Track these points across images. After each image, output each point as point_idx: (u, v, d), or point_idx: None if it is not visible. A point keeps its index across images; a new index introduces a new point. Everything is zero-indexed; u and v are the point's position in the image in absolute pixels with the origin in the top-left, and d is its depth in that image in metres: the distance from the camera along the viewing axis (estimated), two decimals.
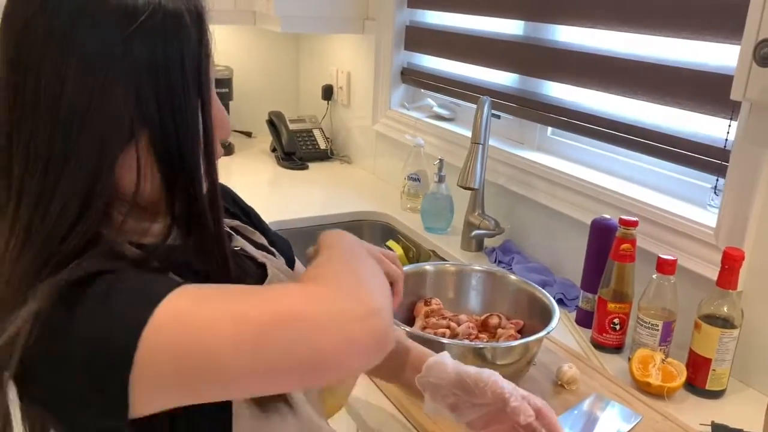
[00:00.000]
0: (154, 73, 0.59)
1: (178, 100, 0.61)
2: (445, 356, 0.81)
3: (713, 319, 1.07)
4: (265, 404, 0.67)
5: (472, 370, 0.76)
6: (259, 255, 0.80)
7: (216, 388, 0.55)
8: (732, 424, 1.00)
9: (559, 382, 1.07)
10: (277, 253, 0.85)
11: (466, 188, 1.47)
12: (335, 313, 0.54)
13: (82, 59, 0.57)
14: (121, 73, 0.58)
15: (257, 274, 0.77)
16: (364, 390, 1.05)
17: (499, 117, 1.73)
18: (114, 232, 0.62)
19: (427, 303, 1.17)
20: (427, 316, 1.15)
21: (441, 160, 1.71)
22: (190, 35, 0.61)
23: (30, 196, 0.58)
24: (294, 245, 1.81)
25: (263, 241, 0.86)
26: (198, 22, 0.62)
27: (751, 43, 0.75)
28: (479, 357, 0.99)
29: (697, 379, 1.09)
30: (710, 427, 1.00)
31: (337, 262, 0.66)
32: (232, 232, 0.80)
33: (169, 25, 0.60)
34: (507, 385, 0.74)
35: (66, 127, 0.57)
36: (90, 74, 0.57)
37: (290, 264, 0.90)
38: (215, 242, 0.67)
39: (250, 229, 0.85)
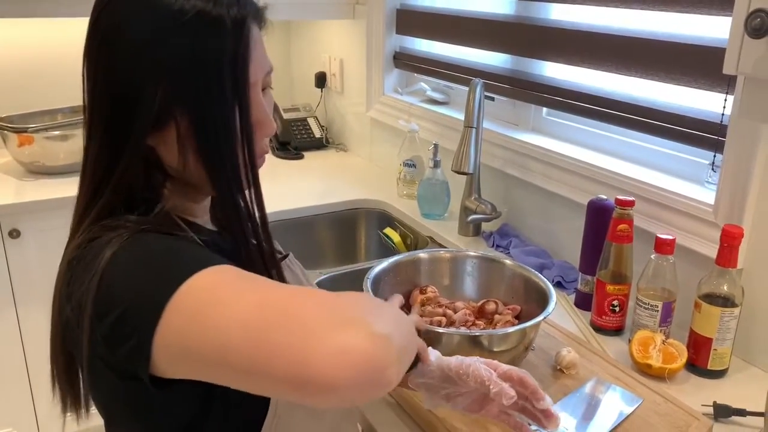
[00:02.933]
0: (192, 68, 0.66)
1: (213, 95, 0.67)
2: (430, 353, 0.82)
3: (713, 298, 1.05)
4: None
5: (453, 362, 0.78)
6: (280, 249, 0.87)
7: (219, 371, 0.55)
8: (734, 404, 0.98)
9: (558, 367, 1.06)
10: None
11: (460, 173, 1.45)
12: (341, 322, 0.52)
13: (132, 45, 0.66)
14: (164, 62, 0.65)
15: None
16: None
17: (493, 99, 1.71)
18: (165, 204, 0.71)
19: (422, 291, 1.16)
20: (423, 304, 1.14)
21: (435, 145, 1.69)
22: (228, 39, 0.67)
23: (90, 145, 0.70)
24: (291, 235, 1.80)
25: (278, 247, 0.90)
26: (238, 29, 0.67)
27: (742, 14, 0.72)
28: (476, 345, 0.97)
29: (699, 359, 1.08)
30: (712, 407, 0.99)
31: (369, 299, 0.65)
32: None
33: (210, 27, 0.66)
34: (485, 372, 0.76)
35: (113, 94, 0.68)
36: (138, 57, 0.66)
37: None
38: (259, 242, 0.73)
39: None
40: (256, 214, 0.73)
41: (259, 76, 0.71)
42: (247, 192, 0.72)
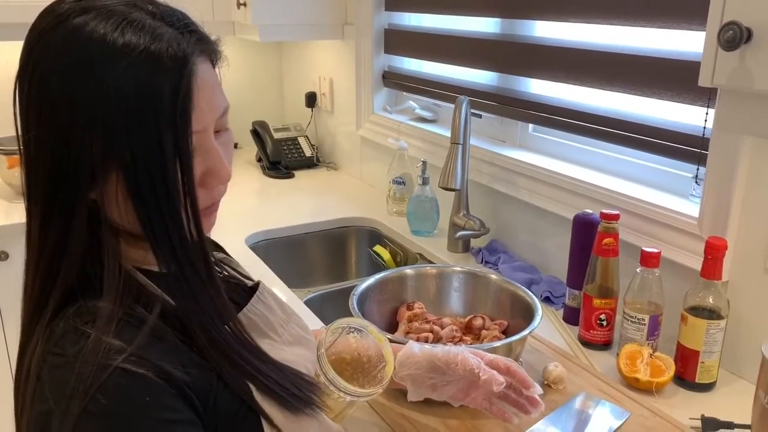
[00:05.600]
0: (123, 116, 0.58)
1: (148, 148, 0.59)
2: (413, 346, 0.86)
3: (699, 311, 1.05)
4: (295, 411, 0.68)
5: (440, 352, 0.82)
6: (249, 281, 0.83)
7: None
8: (722, 417, 0.98)
9: (546, 382, 1.05)
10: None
11: (447, 189, 1.45)
12: None
13: (60, 91, 0.59)
14: (93, 110, 0.58)
15: (245, 300, 0.77)
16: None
17: (480, 116, 1.72)
18: (119, 256, 0.64)
19: (409, 307, 1.16)
20: (410, 320, 1.14)
21: (424, 162, 1.70)
22: (166, 82, 0.59)
23: (31, 224, 0.64)
24: (282, 253, 1.80)
25: (247, 273, 0.88)
26: (178, 69, 0.60)
27: (715, 27, 0.73)
28: None
29: (687, 372, 1.07)
30: (700, 421, 0.98)
31: None
32: (221, 263, 0.84)
33: (145, 67, 0.59)
34: (474, 361, 0.81)
35: (45, 157, 0.61)
36: (66, 106, 0.59)
37: None
38: (205, 288, 0.66)
39: (235, 261, 0.88)
40: (204, 277, 0.66)
41: (208, 122, 0.64)
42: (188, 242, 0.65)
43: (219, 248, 0.91)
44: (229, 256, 0.91)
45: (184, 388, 0.60)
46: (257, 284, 0.81)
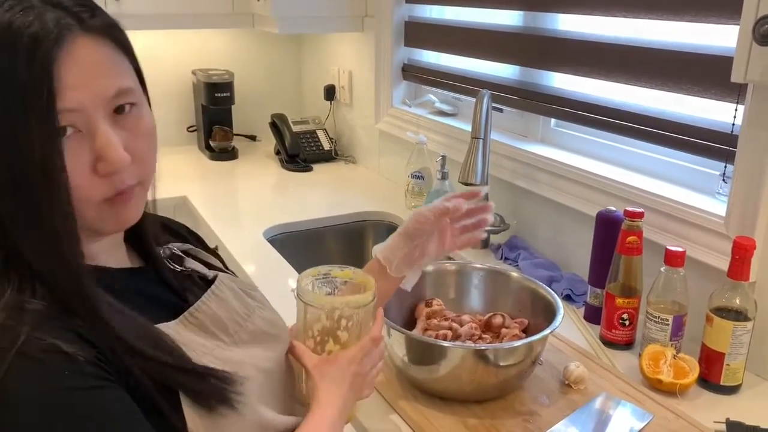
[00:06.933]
0: None
1: (5, 132, 0.57)
2: (383, 246, 0.99)
3: (725, 312, 1.03)
4: (211, 406, 0.66)
5: (409, 224, 0.96)
6: (210, 273, 0.80)
7: None
8: (748, 421, 0.96)
9: (567, 382, 1.04)
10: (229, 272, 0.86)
11: (467, 185, 1.44)
12: None
13: None
14: None
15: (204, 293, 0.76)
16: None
17: (501, 110, 1.69)
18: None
19: (428, 304, 1.14)
20: (428, 317, 1.12)
21: (443, 157, 1.68)
22: (21, 58, 0.56)
23: None
24: (299, 247, 1.79)
25: (218, 264, 0.86)
26: (32, 49, 0.57)
27: (750, 21, 0.71)
28: (482, 359, 0.96)
29: (711, 374, 1.05)
30: (725, 424, 0.96)
31: None
32: (183, 255, 0.81)
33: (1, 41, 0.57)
34: (425, 209, 0.93)
35: None
36: None
37: None
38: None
39: (204, 252, 0.86)
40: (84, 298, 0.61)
41: (84, 101, 0.60)
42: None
43: (192, 233, 0.89)
44: (203, 242, 0.90)
45: (93, 360, 0.58)
46: (215, 277, 0.79)
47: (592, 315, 1.26)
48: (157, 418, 0.62)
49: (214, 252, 0.90)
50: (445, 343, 0.99)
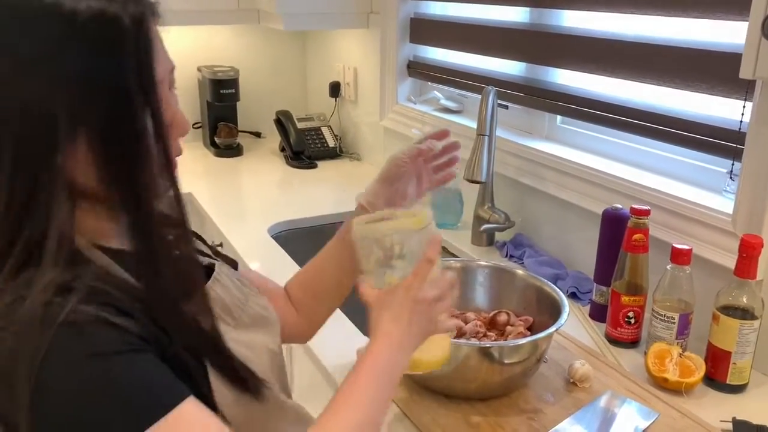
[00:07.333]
0: (93, 76, 0.60)
1: (120, 101, 0.61)
2: (363, 196, 0.98)
3: (732, 310, 1.02)
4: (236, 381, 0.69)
5: (380, 173, 0.97)
6: (206, 260, 0.82)
7: None
8: (755, 421, 0.95)
9: (572, 380, 1.03)
10: (221, 261, 0.87)
11: (472, 181, 1.43)
12: None
13: (15, 61, 0.59)
14: (57, 76, 0.59)
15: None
16: None
17: (507, 107, 1.69)
18: (76, 231, 0.63)
19: None
20: None
21: None
22: (129, 39, 0.61)
23: None
24: (303, 244, 1.79)
25: (207, 251, 0.87)
26: (138, 28, 0.62)
27: (759, 17, 0.70)
28: (486, 356, 0.95)
29: (717, 373, 1.04)
30: (731, 423, 0.95)
31: (354, 407, 0.66)
32: None
33: (107, 28, 0.60)
34: (400, 153, 0.94)
35: (4, 126, 0.59)
36: (24, 76, 0.59)
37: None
38: (180, 243, 0.68)
39: (197, 242, 0.87)
40: (178, 217, 0.68)
41: (164, 74, 0.67)
42: (168, 195, 0.67)
43: None
44: (196, 234, 0.90)
45: (135, 331, 0.60)
46: (214, 265, 0.81)
47: (598, 313, 1.26)
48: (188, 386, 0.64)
49: (205, 243, 0.91)
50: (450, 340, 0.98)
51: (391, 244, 0.75)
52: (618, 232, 1.17)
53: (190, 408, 0.59)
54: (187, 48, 2.43)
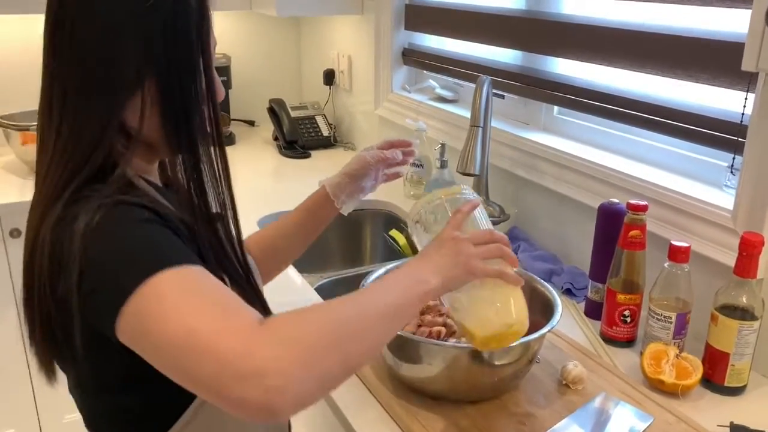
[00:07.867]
0: (163, 31, 0.70)
1: (183, 59, 0.71)
2: (329, 184, 1.13)
3: (731, 310, 0.99)
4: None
5: (347, 168, 1.13)
6: None
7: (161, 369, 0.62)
8: (753, 425, 0.92)
9: (564, 382, 1.00)
10: None
11: (465, 174, 1.39)
12: (244, 375, 0.57)
13: (105, 18, 0.69)
14: (136, 29, 0.69)
15: None
16: (352, 394, 0.99)
17: (503, 97, 1.65)
18: (125, 165, 0.72)
19: None
20: (422, 312, 1.08)
21: (442, 145, 1.64)
22: (194, 5, 0.71)
23: (62, 127, 0.71)
24: None
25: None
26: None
27: (763, 6, 0.66)
28: (475, 358, 0.92)
29: (715, 375, 1.01)
30: (728, 428, 0.92)
31: (350, 307, 0.68)
32: None
33: None
34: (367, 155, 1.12)
35: (89, 71, 0.70)
36: (111, 29, 0.69)
37: None
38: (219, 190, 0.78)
39: None
40: (221, 173, 0.78)
41: (213, 43, 0.75)
42: (212, 150, 0.76)
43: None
44: None
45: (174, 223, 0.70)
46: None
47: (593, 310, 1.22)
48: None
49: None
50: (439, 342, 0.95)
51: (427, 214, 0.90)
52: (614, 228, 1.14)
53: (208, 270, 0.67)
54: None
